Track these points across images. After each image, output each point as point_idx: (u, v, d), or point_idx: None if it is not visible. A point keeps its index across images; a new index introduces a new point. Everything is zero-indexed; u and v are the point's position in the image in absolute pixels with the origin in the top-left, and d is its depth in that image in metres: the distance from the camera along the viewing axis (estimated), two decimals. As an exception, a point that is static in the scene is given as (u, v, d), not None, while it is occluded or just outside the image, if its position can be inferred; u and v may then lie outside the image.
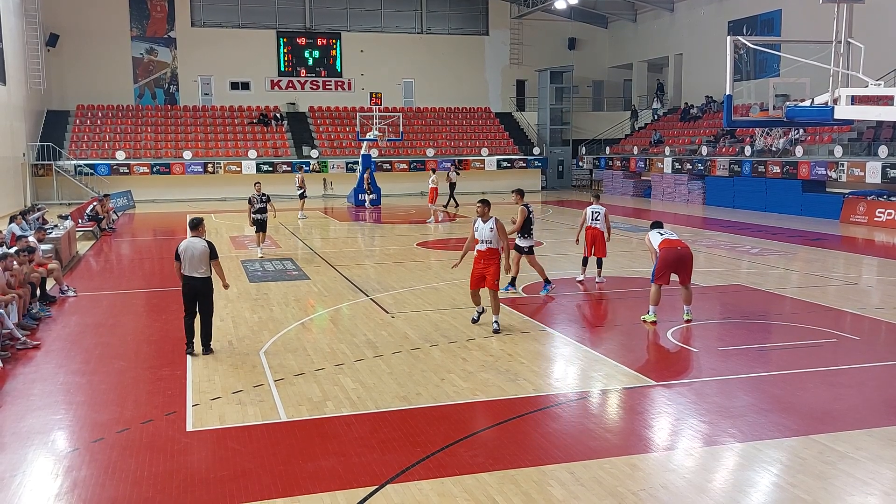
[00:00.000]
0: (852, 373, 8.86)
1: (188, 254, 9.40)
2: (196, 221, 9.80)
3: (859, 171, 25.05)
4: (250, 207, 17.64)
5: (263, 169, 37.20)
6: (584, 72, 45.06)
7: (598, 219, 14.04)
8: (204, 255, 9.42)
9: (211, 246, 9.51)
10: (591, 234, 14.06)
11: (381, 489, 5.98)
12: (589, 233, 14.10)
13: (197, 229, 9.67)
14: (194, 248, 9.42)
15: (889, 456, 6.51)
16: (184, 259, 9.42)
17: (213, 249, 9.54)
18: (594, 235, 14.05)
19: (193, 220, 9.83)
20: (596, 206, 14.18)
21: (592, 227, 14.06)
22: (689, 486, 6.03)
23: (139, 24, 39.88)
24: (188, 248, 9.42)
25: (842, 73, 9.26)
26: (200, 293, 9.50)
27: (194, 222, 9.79)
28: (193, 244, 9.45)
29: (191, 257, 9.38)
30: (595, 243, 14.03)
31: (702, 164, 32.56)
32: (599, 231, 14.03)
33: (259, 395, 8.15)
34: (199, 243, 9.45)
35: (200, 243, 9.45)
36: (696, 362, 9.51)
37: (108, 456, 6.71)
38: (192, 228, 9.74)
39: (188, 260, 9.39)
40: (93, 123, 37.96)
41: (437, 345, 10.10)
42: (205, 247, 9.46)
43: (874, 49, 11.17)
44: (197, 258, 9.38)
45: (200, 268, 9.40)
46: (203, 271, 9.43)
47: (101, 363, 9.55)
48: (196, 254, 9.38)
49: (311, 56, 42.51)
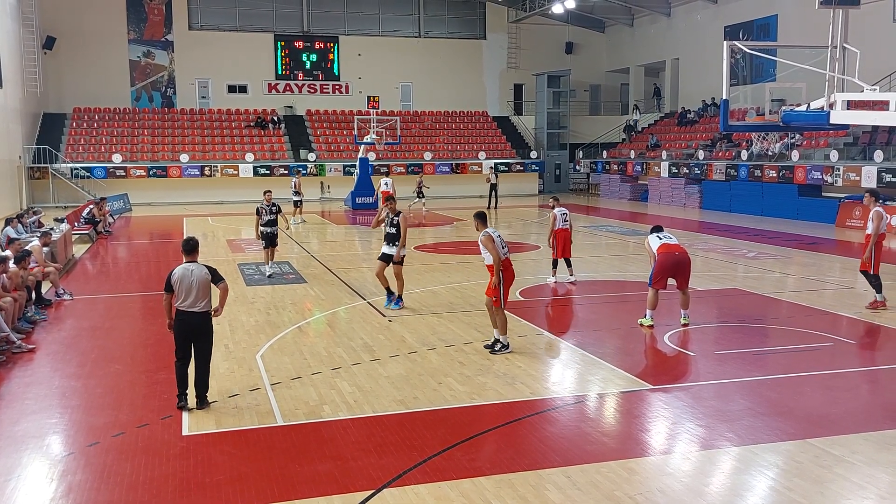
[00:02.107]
0: (849, 376, 8.87)
1: (185, 284, 7.72)
2: (192, 245, 8.06)
3: (855, 175, 25.10)
4: (258, 219, 15.26)
5: (261, 172, 37.18)
6: (581, 76, 45.14)
7: (566, 220, 14.64)
8: (206, 284, 7.80)
9: (213, 271, 7.89)
10: (563, 235, 14.49)
11: (378, 493, 5.97)
12: (561, 235, 14.47)
13: (193, 253, 8.01)
14: (193, 276, 7.75)
15: (885, 460, 6.51)
16: (179, 290, 7.74)
17: (216, 273, 7.92)
18: (566, 237, 14.54)
19: (189, 244, 8.05)
20: (562, 209, 14.73)
21: (563, 230, 14.50)
22: (686, 489, 6.03)
23: (136, 27, 39.86)
24: (184, 278, 7.74)
25: (837, 78, 9.28)
26: (199, 332, 7.83)
27: (190, 245, 8.03)
28: (191, 272, 7.79)
29: (188, 287, 7.70)
30: (566, 245, 14.53)
31: (698, 169, 32.61)
32: (569, 232, 14.71)
33: (255, 399, 8.14)
34: (199, 270, 7.81)
35: (200, 270, 7.81)
36: (692, 366, 9.51)
37: (104, 460, 6.68)
38: (188, 253, 7.99)
39: (185, 291, 7.71)
40: (89, 126, 37.92)
41: (435, 349, 10.09)
42: (206, 274, 7.81)
43: (869, 54, 11.22)
44: (199, 289, 7.74)
45: (201, 301, 7.76)
46: (203, 305, 7.78)
47: (96, 367, 9.53)
48: (197, 283, 7.73)
49: (309, 59, 42.54)
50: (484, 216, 10.10)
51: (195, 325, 7.78)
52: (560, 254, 14.46)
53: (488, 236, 9.60)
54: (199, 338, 7.86)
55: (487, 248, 9.59)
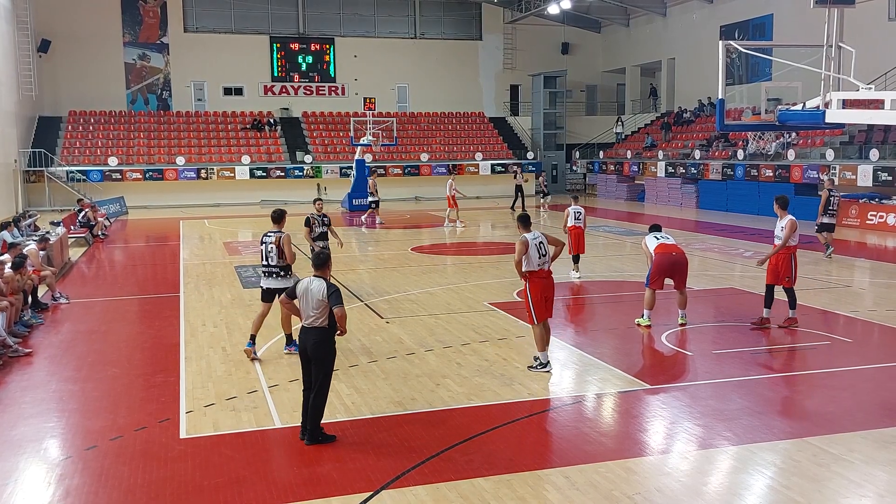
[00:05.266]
0: (846, 375, 8.89)
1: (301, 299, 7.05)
2: (322, 259, 7.29)
3: (851, 174, 25.15)
4: (309, 231, 12.66)
5: (257, 175, 37.20)
6: (577, 76, 45.16)
7: (579, 218, 15.05)
8: (320, 302, 6.96)
9: (332, 289, 6.98)
10: (576, 232, 14.98)
11: (376, 495, 5.96)
12: (573, 232, 14.95)
13: (322, 268, 7.24)
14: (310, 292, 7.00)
15: (883, 458, 6.52)
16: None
17: (335, 295, 6.96)
18: (578, 234, 14.99)
19: (319, 258, 7.31)
20: (577, 207, 15.24)
21: (575, 227, 14.98)
22: (684, 489, 6.03)
23: (132, 30, 39.80)
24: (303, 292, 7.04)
25: (833, 77, 9.29)
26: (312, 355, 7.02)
27: (320, 260, 7.28)
28: (311, 284, 7.05)
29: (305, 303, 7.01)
30: (579, 241, 14.97)
31: (695, 168, 32.66)
32: (582, 230, 15.11)
33: (253, 402, 8.12)
34: (318, 285, 7.02)
35: (319, 285, 7.01)
36: (690, 366, 9.52)
37: (101, 464, 6.67)
38: (317, 268, 7.23)
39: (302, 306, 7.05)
40: (85, 129, 37.85)
41: (433, 350, 10.08)
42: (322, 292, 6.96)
43: (865, 53, 11.23)
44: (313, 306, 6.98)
45: (313, 314, 6.99)
46: (317, 320, 6.98)
47: (93, 370, 9.50)
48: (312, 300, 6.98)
49: (305, 61, 42.49)
50: (527, 219, 9.20)
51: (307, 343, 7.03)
52: (574, 249, 14.90)
53: (523, 241, 8.77)
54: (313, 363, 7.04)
55: (517, 251, 8.81)
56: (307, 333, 7.01)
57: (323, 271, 7.22)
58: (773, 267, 10.90)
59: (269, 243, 9.49)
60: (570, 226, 14.93)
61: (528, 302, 8.98)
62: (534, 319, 8.98)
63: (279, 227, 9.54)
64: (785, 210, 10.96)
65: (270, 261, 9.50)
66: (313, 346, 6.97)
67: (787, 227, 10.69)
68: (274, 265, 9.50)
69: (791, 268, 10.76)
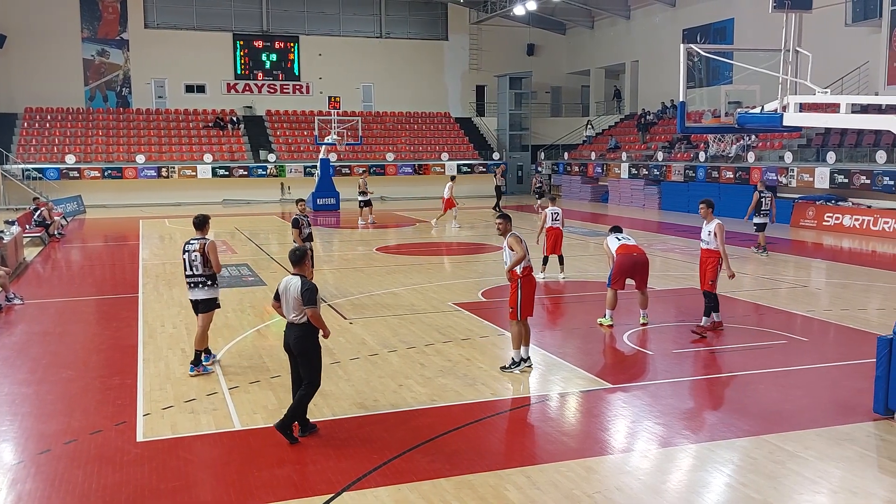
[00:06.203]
0: (802, 374, 9.05)
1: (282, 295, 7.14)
2: (298, 256, 7.29)
3: (808, 176, 25.68)
4: (298, 232, 12.64)
5: (219, 173, 36.77)
6: (542, 78, 45.43)
7: (557, 219, 15.06)
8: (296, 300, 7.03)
9: (306, 286, 7.02)
10: (553, 233, 15.01)
11: (337, 497, 5.91)
12: (551, 233, 15.00)
13: (299, 265, 7.26)
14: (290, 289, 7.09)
15: (836, 454, 6.65)
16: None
17: (310, 294, 7.01)
18: (556, 235, 14.93)
19: (295, 254, 7.33)
20: (555, 208, 15.26)
21: (553, 228, 15.02)
22: (643, 487, 6.09)
23: (90, 25, 39.04)
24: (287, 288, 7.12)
25: (790, 81, 9.45)
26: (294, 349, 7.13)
27: (296, 257, 7.29)
28: (290, 283, 7.13)
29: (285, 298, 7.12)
30: (556, 242, 15.01)
31: (657, 170, 33.05)
32: (560, 230, 15.11)
33: (213, 404, 8.01)
34: (295, 283, 7.07)
35: (296, 283, 7.06)
36: (651, 365, 9.62)
37: (55, 468, 6.52)
38: (295, 265, 7.26)
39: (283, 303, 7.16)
40: (42, 126, 37.05)
41: (396, 350, 10.05)
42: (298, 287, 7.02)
43: (822, 57, 11.46)
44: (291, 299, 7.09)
45: (293, 312, 7.07)
46: (297, 317, 7.05)
47: (48, 373, 9.29)
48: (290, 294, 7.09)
49: (269, 59, 42.10)
50: (510, 217, 9.28)
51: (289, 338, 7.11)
52: (549, 251, 15.02)
53: (517, 237, 8.87)
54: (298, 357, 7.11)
55: (515, 248, 8.79)
56: (289, 329, 7.12)
57: (301, 268, 7.21)
58: (702, 270, 10.81)
59: (192, 251, 8.90)
60: (548, 227, 15.05)
61: (516, 299, 8.92)
62: (518, 315, 8.97)
63: (202, 233, 9.05)
64: (712, 212, 10.84)
65: (195, 270, 8.92)
66: (295, 341, 7.05)
67: (719, 231, 10.57)
68: (199, 274, 8.93)
69: (717, 272, 10.67)
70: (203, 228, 9.14)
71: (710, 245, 10.69)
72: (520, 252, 8.80)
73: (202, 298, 9.06)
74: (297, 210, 13.37)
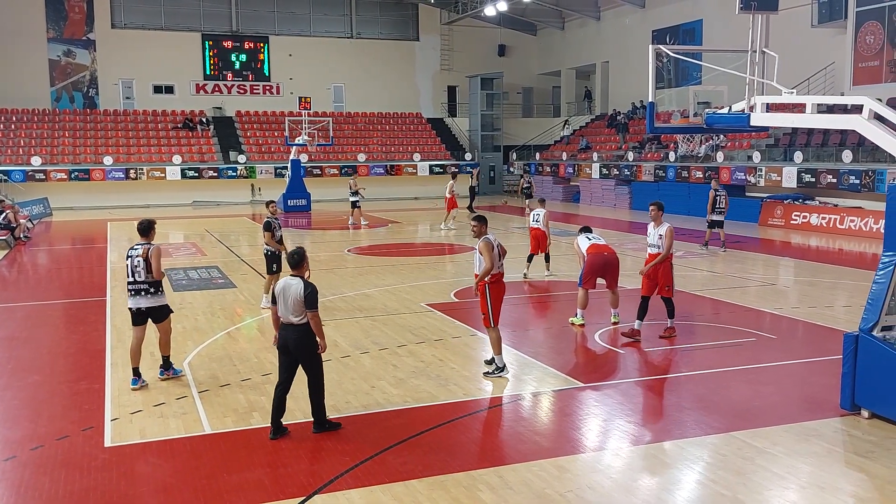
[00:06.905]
0: (770, 370, 9.17)
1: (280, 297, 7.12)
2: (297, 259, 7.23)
3: (776, 175, 26.06)
4: (270, 235, 12.52)
5: (189, 175, 36.38)
6: (513, 78, 45.57)
7: (537, 220, 15.42)
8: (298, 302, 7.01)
9: (309, 289, 7.02)
10: (533, 233, 15.53)
11: (309, 499, 5.87)
12: (532, 233, 15.59)
13: (298, 267, 7.21)
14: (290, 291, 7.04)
15: (805, 450, 6.74)
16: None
17: (311, 297, 7.01)
18: (535, 235, 15.48)
19: (293, 258, 7.26)
20: (539, 209, 15.74)
21: (533, 228, 15.43)
22: (615, 485, 6.12)
23: (56, 25, 38.38)
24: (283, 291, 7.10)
25: (757, 82, 9.58)
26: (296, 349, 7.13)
27: (294, 260, 7.23)
28: (289, 284, 7.08)
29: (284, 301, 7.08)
30: (538, 242, 15.40)
31: (628, 170, 33.32)
32: (541, 231, 15.36)
33: (182, 408, 7.91)
34: (296, 285, 7.04)
35: (297, 285, 7.04)
36: (622, 364, 9.68)
37: (21, 475, 6.39)
38: (294, 267, 7.21)
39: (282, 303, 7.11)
40: (6, 128, 36.35)
41: (368, 352, 10.00)
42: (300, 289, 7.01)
43: (788, 58, 11.61)
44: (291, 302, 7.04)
45: (293, 314, 7.03)
46: (298, 318, 7.03)
47: (13, 378, 9.11)
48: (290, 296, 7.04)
49: (238, 59, 41.73)
50: (485, 220, 9.03)
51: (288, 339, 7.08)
52: (533, 249, 15.44)
53: (488, 243, 8.63)
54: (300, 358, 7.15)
55: (483, 255, 8.60)
56: (287, 330, 7.07)
57: (299, 270, 7.19)
58: (652, 277, 10.45)
59: (135, 257, 8.49)
60: (529, 227, 15.79)
61: (486, 306, 8.76)
62: (491, 322, 8.82)
63: (147, 239, 8.65)
64: (661, 215, 10.63)
65: (138, 276, 8.49)
66: (295, 343, 7.05)
67: (669, 235, 10.36)
68: (142, 281, 8.50)
69: (671, 276, 10.52)
70: (148, 234, 8.76)
71: (662, 249, 10.39)
72: (487, 263, 8.58)
73: (148, 307, 8.65)
74: (269, 212, 13.11)
